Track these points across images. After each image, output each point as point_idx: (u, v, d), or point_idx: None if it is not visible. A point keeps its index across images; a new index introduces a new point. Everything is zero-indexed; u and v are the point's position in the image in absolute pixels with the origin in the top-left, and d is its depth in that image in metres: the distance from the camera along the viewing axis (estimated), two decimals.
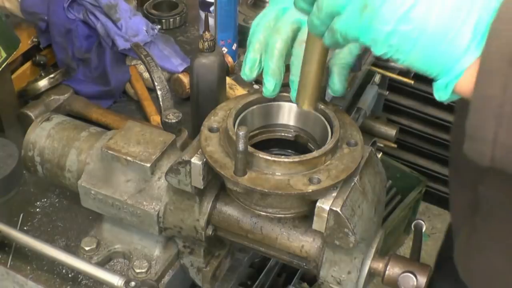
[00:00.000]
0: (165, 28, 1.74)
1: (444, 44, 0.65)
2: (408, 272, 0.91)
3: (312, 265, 0.96)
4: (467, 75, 0.66)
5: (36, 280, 1.07)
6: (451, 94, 0.68)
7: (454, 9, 0.64)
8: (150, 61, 1.22)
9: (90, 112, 1.42)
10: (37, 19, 1.44)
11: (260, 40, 0.92)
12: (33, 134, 1.11)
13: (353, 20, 0.68)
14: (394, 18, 0.65)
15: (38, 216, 1.20)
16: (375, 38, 0.67)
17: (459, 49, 0.65)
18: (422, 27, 0.64)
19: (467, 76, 0.66)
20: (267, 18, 0.92)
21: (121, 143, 1.02)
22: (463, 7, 0.64)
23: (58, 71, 1.46)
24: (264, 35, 0.92)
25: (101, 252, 1.08)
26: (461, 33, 0.64)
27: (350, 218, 0.86)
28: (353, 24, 0.68)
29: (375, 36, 0.67)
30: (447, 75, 0.67)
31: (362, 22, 0.67)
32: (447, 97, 0.69)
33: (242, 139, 0.82)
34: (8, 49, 1.29)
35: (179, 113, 1.11)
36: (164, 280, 1.07)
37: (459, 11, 0.64)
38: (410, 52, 0.66)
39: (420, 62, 0.67)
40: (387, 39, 0.66)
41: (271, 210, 0.93)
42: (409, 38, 0.65)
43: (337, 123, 0.92)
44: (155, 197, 1.01)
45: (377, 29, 0.66)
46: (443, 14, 0.64)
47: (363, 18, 0.67)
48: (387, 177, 1.01)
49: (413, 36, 0.65)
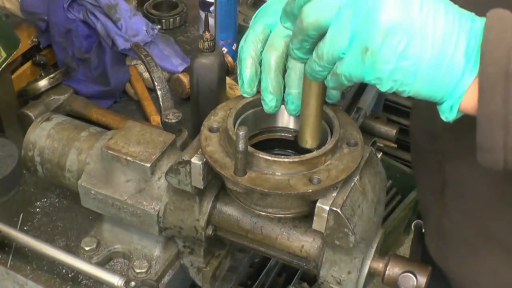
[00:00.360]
0: (165, 28, 1.74)
1: (442, 71, 0.70)
2: (408, 272, 0.91)
3: (312, 265, 0.96)
4: (468, 95, 0.71)
5: (36, 280, 1.07)
6: (456, 114, 0.73)
7: (444, 39, 0.70)
8: (150, 61, 1.22)
9: (90, 112, 1.42)
10: (37, 19, 1.44)
11: (252, 55, 0.92)
12: (33, 134, 1.11)
13: (356, 64, 0.72)
14: (394, 57, 0.70)
15: (38, 216, 1.20)
16: (379, 77, 0.72)
17: (457, 73, 0.71)
18: (420, 60, 0.70)
19: (468, 95, 0.71)
20: (255, 33, 0.93)
21: (121, 143, 1.02)
22: (452, 36, 0.70)
23: (58, 71, 1.46)
24: (254, 50, 0.93)
25: (101, 252, 1.08)
26: (455, 58, 0.70)
27: (350, 218, 0.86)
28: (357, 67, 0.72)
29: (379, 75, 0.71)
30: (450, 98, 0.72)
31: (365, 64, 0.71)
32: (453, 117, 0.74)
33: (242, 139, 0.82)
34: (8, 49, 1.29)
35: (179, 113, 1.11)
36: (164, 280, 1.07)
37: (449, 40, 0.70)
38: (413, 84, 0.72)
39: (424, 91, 0.72)
40: (391, 76, 0.71)
41: (271, 210, 0.93)
42: (410, 71, 0.71)
43: (337, 123, 0.92)
44: (155, 197, 1.01)
45: (380, 69, 0.71)
46: (435, 44, 0.70)
47: (366, 61, 0.71)
48: (387, 177, 1.01)
49: (413, 69, 0.70)
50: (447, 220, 1.09)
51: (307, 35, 0.76)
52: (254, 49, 0.92)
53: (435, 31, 0.70)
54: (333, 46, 0.73)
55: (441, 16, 0.70)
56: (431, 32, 0.70)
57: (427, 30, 0.69)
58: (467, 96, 0.71)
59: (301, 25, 0.75)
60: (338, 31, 0.72)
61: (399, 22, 0.69)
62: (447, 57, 0.70)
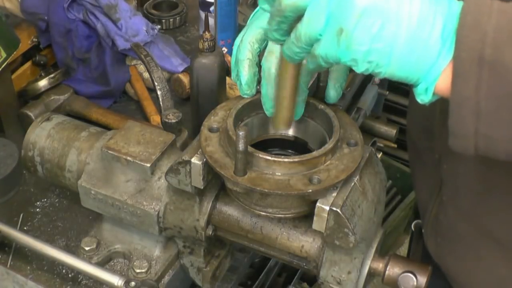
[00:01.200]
0: (165, 28, 1.74)
1: (417, 53, 0.71)
2: (408, 272, 0.91)
3: (312, 265, 0.96)
4: (443, 77, 0.72)
5: (36, 280, 1.07)
6: (432, 96, 0.74)
7: (419, 21, 0.70)
8: (150, 61, 1.22)
9: (90, 112, 1.42)
10: (37, 19, 1.44)
11: (249, 57, 0.93)
12: (33, 134, 1.11)
13: (331, 45, 0.73)
14: (368, 39, 0.70)
15: (38, 216, 1.20)
16: (354, 58, 0.72)
17: (431, 56, 0.71)
18: (395, 42, 0.70)
19: (443, 78, 0.72)
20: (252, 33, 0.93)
21: (121, 143, 1.02)
22: (428, 19, 0.70)
23: (58, 71, 1.46)
24: (251, 51, 0.93)
25: (101, 252, 1.08)
26: (430, 41, 0.70)
27: (350, 218, 0.86)
28: (333, 48, 0.73)
29: (354, 56, 0.72)
30: (425, 81, 0.73)
31: (340, 45, 0.72)
32: (429, 99, 0.74)
33: (242, 139, 0.82)
34: (8, 49, 1.29)
35: (179, 113, 1.11)
36: (164, 280, 1.07)
37: (425, 23, 0.70)
38: (388, 65, 0.72)
39: (399, 72, 0.73)
40: (365, 57, 0.72)
41: (271, 210, 0.93)
42: (385, 53, 0.71)
43: (337, 123, 0.92)
44: (155, 197, 1.01)
45: (355, 50, 0.71)
46: (410, 26, 0.70)
47: (340, 42, 0.72)
48: (387, 177, 1.02)
49: (388, 51, 0.71)
50: (444, 217, 1.10)
51: (284, 16, 0.77)
52: (250, 50, 0.93)
53: (411, 13, 0.70)
54: (310, 28, 0.74)
55: None
56: (406, 14, 0.70)
57: (402, 12, 0.70)
58: (442, 79, 0.72)
59: (279, 6, 0.76)
60: (315, 13, 0.73)
61: (374, 4, 0.70)
62: (422, 39, 0.70)
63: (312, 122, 0.97)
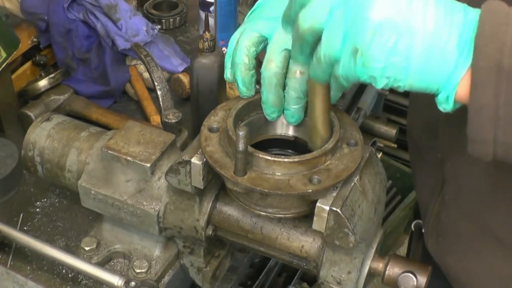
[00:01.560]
0: (165, 28, 1.74)
1: (434, 63, 0.71)
2: (408, 272, 0.91)
3: (312, 265, 0.96)
4: (463, 85, 0.72)
5: (36, 280, 1.07)
6: (453, 104, 0.74)
7: (435, 32, 0.70)
8: (150, 61, 1.22)
9: (90, 112, 1.42)
10: (37, 19, 1.44)
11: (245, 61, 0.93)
12: (33, 134, 1.11)
13: (349, 65, 0.73)
14: (383, 55, 0.70)
15: (38, 216, 1.20)
16: (373, 75, 0.72)
17: (449, 66, 0.71)
18: (410, 55, 0.70)
19: (463, 86, 0.72)
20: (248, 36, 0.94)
21: (121, 143, 1.02)
22: (443, 29, 0.70)
23: (58, 71, 1.46)
24: (247, 55, 0.94)
25: (101, 252, 1.08)
26: (447, 51, 0.71)
27: (350, 218, 0.86)
28: (350, 68, 0.73)
29: (372, 73, 0.72)
30: (444, 90, 0.73)
31: (357, 64, 0.72)
32: (450, 107, 0.74)
33: (242, 139, 0.82)
34: (8, 49, 1.29)
35: (179, 113, 1.11)
36: (164, 280, 1.07)
37: (440, 33, 0.70)
38: (407, 78, 0.72)
39: (418, 83, 0.73)
40: (383, 74, 0.72)
41: (271, 210, 0.93)
42: (402, 67, 0.71)
43: (337, 123, 0.92)
44: (155, 197, 1.01)
45: (371, 67, 0.71)
46: (425, 38, 0.70)
47: (357, 61, 0.72)
48: (387, 177, 1.02)
49: (404, 65, 0.71)
50: (445, 216, 1.10)
51: (304, 40, 0.77)
52: (247, 54, 0.93)
53: (426, 24, 0.70)
54: (328, 49, 0.74)
55: (431, 9, 0.71)
56: (421, 26, 0.70)
57: (416, 25, 0.70)
58: (462, 87, 0.72)
59: (298, 31, 0.76)
60: (331, 34, 0.73)
61: (388, 19, 0.70)
62: (439, 50, 0.70)
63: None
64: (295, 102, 0.92)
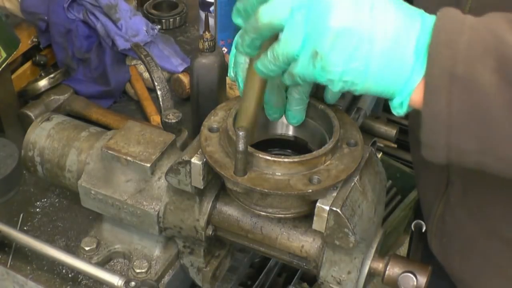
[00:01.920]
0: (165, 28, 1.74)
1: (391, 69, 0.73)
2: (408, 272, 0.91)
3: (312, 265, 0.96)
4: (418, 91, 0.74)
5: (36, 280, 1.07)
6: (407, 109, 0.76)
7: (393, 39, 0.71)
8: (150, 61, 1.22)
9: (90, 112, 1.42)
10: (37, 19, 1.44)
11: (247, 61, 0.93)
12: (33, 134, 1.11)
13: (308, 66, 0.75)
14: (342, 60, 0.72)
15: (38, 216, 1.20)
16: (330, 78, 0.74)
17: (405, 72, 0.73)
18: (369, 61, 0.72)
19: (418, 91, 0.74)
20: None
21: (121, 143, 1.02)
22: (401, 36, 0.72)
23: (58, 71, 1.46)
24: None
25: (101, 252, 1.08)
26: (405, 57, 0.72)
27: (350, 218, 0.86)
28: (309, 69, 0.75)
29: (330, 77, 0.74)
30: (400, 95, 0.75)
31: (316, 67, 0.73)
32: (404, 112, 0.76)
33: (242, 139, 0.82)
34: (8, 49, 1.29)
35: (179, 113, 1.11)
36: (164, 280, 1.07)
37: (398, 40, 0.72)
38: (363, 83, 0.74)
39: (374, 88, 0.75)
40: (341, 77, 0.73)
41: (271, 210, 0.93)
42: (360, 71, 0.73)
43: (337, 123, 0.92)
44: (155, 197, 1.01)
45: (330, 71, 0.73)
46: (384, 45, 0.71)
47: (316, 64, 0.73)
48: (387, 177, 1.01)
49: (362, 69, 0.72)
50: (450, 217, 1.09)
51: (260, 34, 0.78)
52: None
53: (385, 31, 0.71)
54: (288, 48, 0.75)
55: (391, 16, 0.72)
56: (381, 32, 0.71)
57: (376, 31, 0.71)
58: (416, 92, 0.73)
59: (255, 24, 0.77)
60: (292, 34, 0.74)
61: (348, 25, 0.71)
62: (396, 56, 0.72)
63: (312, 122, 0.97)
64: (297, 103, 0.93)
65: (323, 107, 0.95)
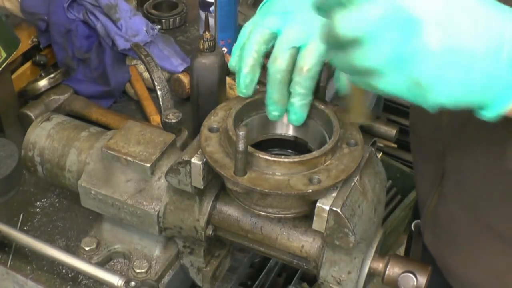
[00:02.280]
0: (165, 28, 1.74)
1: (488, 86, 0.68)
2: (408, 272, 0.91)
3: (312, 265, 0.96)
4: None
5: (36, 280, 1.07)
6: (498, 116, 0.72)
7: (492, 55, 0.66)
8: (150, 61, 1.22)
9: (90, 112, 1.42)
10: (37, 19, 1.44)
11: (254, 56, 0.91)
12: (33, 134, 1.11)
13: (402, 88, 0.70)
14: (446, 90, 0.68)
15: (38, 216, 1.20)
16: (428, 103, 0.70)
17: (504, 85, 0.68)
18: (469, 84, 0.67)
19: None
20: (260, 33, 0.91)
21: (121, 143, 1.02)
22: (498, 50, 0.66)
23: (58, 71, 1.46)
24: (257, 52, 0.91)
25: (101, 252, 1.08)
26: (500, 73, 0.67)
27: (350, 218, 0.86)
28: (402, 90, 0.70)
29: (429, 103, 0.70)
30: (494, 109, 0.70)
31: (415, 94, 0.70)
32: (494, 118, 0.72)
33: (242, 139, 0.82)
34: (8, 49, 1.29)
35: (179, 113, 1.11)
36: (164, 280, 1.07)
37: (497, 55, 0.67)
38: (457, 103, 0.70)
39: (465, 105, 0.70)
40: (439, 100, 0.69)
41: (271, 210, 0.93)
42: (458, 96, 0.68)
43: (337, 123, 0.92)
44: (155, 197, 1.01)
45: (431, 98, 0.69)
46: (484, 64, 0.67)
47: (415, 91, 0.69)
48: (387, 177, 1.02)
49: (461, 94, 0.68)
50: (443, 209, 1.10)
51: (336, 43, 0.69)
52: (256, 50, 0.91)
53: (481, 48, 0.66)
54: (370, 62, 0.68)
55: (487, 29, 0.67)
56: (480, 52, 0.66)
57: (476, 52, 0.66)
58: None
59: (332, 32, 0.67)
60: (378, 50, 0.66)
61: (449, 46, 0.66)
62: (494, 72, 0.67)
63: (312, 122, 0.97)
64: (300, 98, 0.91)
65: (323, 107, 0.95)
